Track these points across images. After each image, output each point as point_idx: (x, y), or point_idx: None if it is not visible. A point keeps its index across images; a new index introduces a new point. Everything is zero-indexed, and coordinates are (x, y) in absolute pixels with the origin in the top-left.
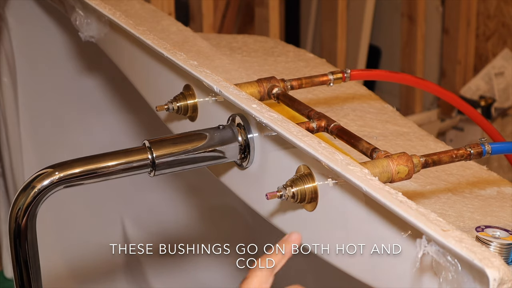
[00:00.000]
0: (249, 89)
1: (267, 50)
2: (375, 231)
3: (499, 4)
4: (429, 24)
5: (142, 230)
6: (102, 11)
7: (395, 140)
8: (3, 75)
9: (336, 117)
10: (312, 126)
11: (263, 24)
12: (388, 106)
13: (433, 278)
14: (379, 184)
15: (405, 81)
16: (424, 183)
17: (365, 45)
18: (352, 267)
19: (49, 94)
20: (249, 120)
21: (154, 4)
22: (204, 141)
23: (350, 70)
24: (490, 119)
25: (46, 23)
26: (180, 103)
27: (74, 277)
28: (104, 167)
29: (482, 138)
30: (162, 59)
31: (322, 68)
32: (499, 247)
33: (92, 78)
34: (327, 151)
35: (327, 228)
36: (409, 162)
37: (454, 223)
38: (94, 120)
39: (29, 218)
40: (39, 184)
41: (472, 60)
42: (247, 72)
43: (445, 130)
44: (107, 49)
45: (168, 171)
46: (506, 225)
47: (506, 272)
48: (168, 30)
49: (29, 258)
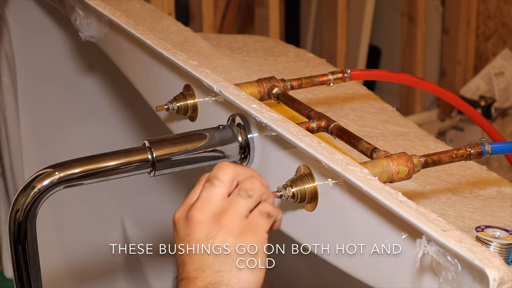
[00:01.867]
0: (249, 89)
1: (267, 50)
2: (375, 231)
3: (499, 4)
4: (429, 24)
5: (142, 230)
6: (102, 11)
7: (395, 140)
8: (3, 75)
9: (336, 117)
10: (312, 126)
11: (263, 24)
12: (388, 106)
13: (433, 278)
14: (379, 184)
15: (405, 81)
16: (424, 183)
17: (365, 45)
18: (352, 267)
19: (49, 94)
20: (249, 120)
21: (154, 4)
22: (204, 141)
23: (350, 70)
24: (490, 119)
25: (46, 23)
26: (180, 103)
27: (74, 277)
28: (104, 167)
29: (482, 138)
30: (162, 59)
31: (322, 68)
32: (499, 247)
33: (92, 78)
34: (327, 151)
35: (327, 228)
36: (409, 162)
37: (454, 223)
38: (94, 120)
39: (29, 218)
40: (39, 184)
41: (472, 60)
42: (247, 72)
43: (445, 130)
44: (107, 49)
45: (168, 171)
46: (506, 225)
47: (506, 272)
48: (168, 30)
49: (29, 258)
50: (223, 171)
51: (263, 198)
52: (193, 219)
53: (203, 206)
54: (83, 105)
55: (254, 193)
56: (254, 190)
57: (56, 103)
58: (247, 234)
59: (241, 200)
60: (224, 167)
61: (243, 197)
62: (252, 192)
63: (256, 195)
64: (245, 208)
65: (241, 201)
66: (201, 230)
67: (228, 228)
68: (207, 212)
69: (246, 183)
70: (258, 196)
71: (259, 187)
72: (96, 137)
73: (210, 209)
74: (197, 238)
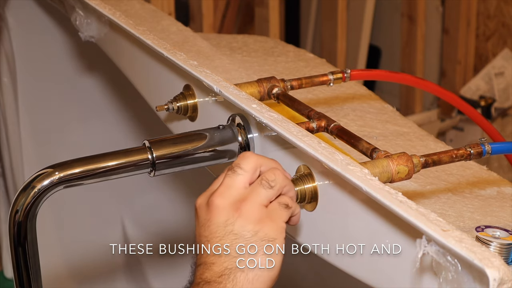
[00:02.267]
0: (249, 89)
1: (267, 50)
2: (375, 231)
3: (499, 4)
4: (429, 24)
5: (142, 230)
6: (102, 11)
7: (395, 140)
8: (3, 75)
9: (336, 117)
10: (312, 126)
11: (263, 24)
12: (388, 106)
13: (433, 278)
14: (379, 184)
15: (405, 81)
16: (424, 183)
17: (365, 45)
18: (352, 267)
19: (49, 94)
20: (249, 120)
21: (154, 4)
22: (204, 141)
23: (350, 70)
24: (490, 119)
25: (46, 23)
26: (180, 103)
27: (74, 277)
28: (104, 167)
29: (482, 138)
30: (162, 59)
31: (322, 68)
32: (499, 247)
33: (92, 78)
34: (327, 151)
35: (327, 228)
36: (409, 162)
37: (454, 223)
38: (94, 120)
39: (29, 218)
40: (39, 184)
41: (472, 60)
42: (247, 72)
43: (445, 130)
44: (107, 49)
45: (168, 171)
46: (506, 225)
47: (506, 272)
48: (168, 30)
49: (29, 258)
50: (246, 160)
51: (284, 191)
52: (213, 205)
53: (225, 193)
54: (83, 105)
55: (276, 184)
56: (276, 181)
57: (56, 103)
58: (266, 222)
59: (262, 189)
60: (247, 156)
61: (264, 187)
62: (274, 183)
63: (278, 186)
64: (265, 197)
65: (262, 190)
66: (221, 216)
67: (247, 215)
68: (228, 199)
69: (268, 173)
70: (279, 187)
71: (282, 178)
72: (96, 137)
73: (231, 196)
74: (216, 223)
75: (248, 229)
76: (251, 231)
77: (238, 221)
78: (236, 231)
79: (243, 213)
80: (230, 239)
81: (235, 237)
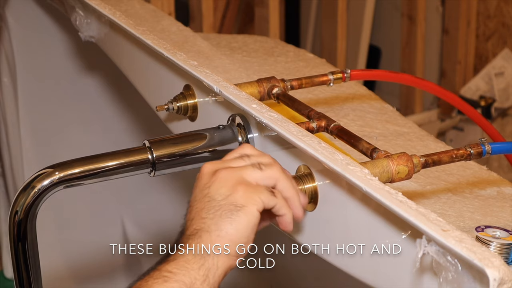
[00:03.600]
0: (249, 89)
1: (267, 50)
2: (375, 231)
3: (499, 4)
4: (429, 24)
5: (142, 230)
6: (102, 11)
7: (395, 140)
8: (3, 75)
9: (336, 117)
10: (312, 126)
11: (263, 24)
12: (388, 106)
13: (433, 278)
14: (379, 184)
15: (405, 81)
16: (424, 183)
17: (365, 45)
18: (352, 267)
19: (49, 94)
20: (249, 120)
21: (154, 4)
22: (204, 141)
23: (350, 70)
24: (490, 119)
25: (46, 23)
26: (180, 103)
27: (74, 277)
28: (104, 167)
29: (482, 138)
30: (162, 59)
31: (322, 68)
32: (499, 247)
33: (92, 78)
34: (327, 151)
35: (327, 228)
36: (409, 162)
37: (454, 223)
38: (94, 120)
39: (29, 218)
40: (39, 184)
41: (472, 60)
42: (247, 72)
43: (445, 130)
44: (107, 49)
45: (168, 171)
46: (506, 225)
47: (506, 272)
48: (168, 30)
49: (29, 258)
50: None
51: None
52: (200, 171)
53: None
54: (83, 105)
55: (266, 169)
56: (267, 166)
57: (56, 103)
58: (239, 189)
59: (250, 167)
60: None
61: (254, 166)
62: (264, 168)
63: (268, 172)
64: (249, 174)
65: (250, 167)
66: (202, 180)
67: (223, 179)
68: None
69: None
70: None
71: (276, 169)
72: (96, 137)
73: (218, 164)
74: (198, 187)
75: (220, 192)
76: (222, 195)
77: (214, 185)
78: (211, 194)
79: (219, 177)
80: (204, 202)
81: (208, 199)
